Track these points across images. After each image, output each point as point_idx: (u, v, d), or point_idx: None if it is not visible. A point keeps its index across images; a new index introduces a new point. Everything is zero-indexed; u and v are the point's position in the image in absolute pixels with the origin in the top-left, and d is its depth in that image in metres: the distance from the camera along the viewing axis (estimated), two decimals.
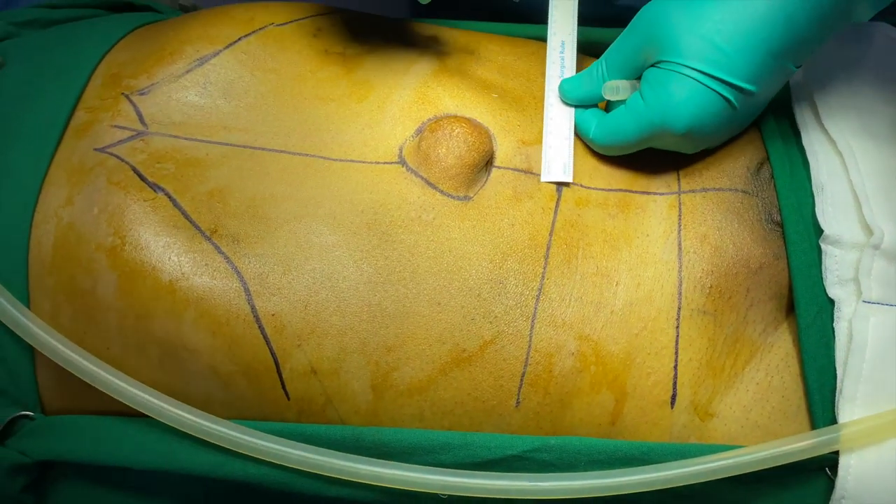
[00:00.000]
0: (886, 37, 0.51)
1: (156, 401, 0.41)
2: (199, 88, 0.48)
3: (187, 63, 0.48)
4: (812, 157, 0.47)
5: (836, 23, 0.43)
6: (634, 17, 0.46)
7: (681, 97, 0.43)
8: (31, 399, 0.45)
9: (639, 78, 0.47)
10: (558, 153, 0.47)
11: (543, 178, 0.47)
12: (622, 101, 0.47)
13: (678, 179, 0.48)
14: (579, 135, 0.49)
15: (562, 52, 0.50)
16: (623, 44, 0.47)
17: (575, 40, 0.51)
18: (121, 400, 0.41)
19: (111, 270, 0.42)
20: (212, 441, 0.41)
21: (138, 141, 0.46)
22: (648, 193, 0.47)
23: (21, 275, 0.43)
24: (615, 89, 0.47)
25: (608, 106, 0.49)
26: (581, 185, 0.47)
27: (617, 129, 0.46)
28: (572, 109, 0.49)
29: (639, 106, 0.45)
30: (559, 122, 0.49)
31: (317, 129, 0.47)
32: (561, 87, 0.49)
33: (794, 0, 0.41)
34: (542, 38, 0.57)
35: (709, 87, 0.43)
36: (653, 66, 0.45)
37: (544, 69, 0.52)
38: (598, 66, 0.48)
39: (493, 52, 0.53)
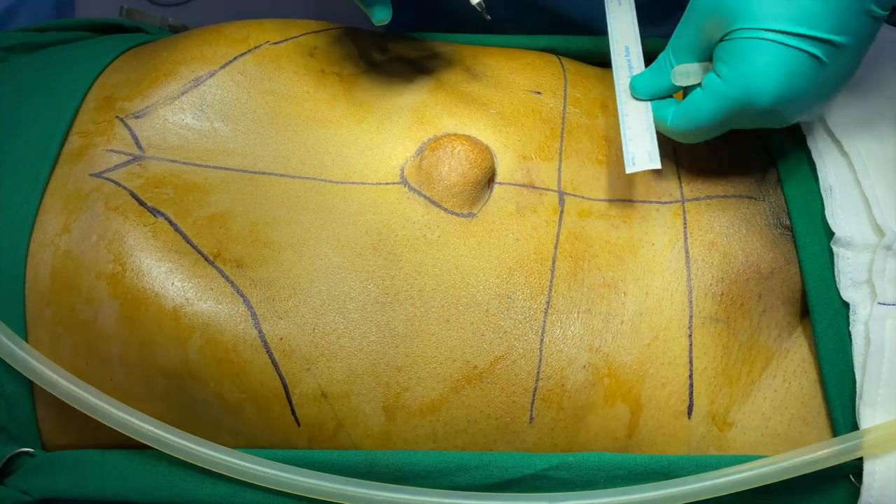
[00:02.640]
0: (886, 37, 0.51)
1: (161, 432, 0.40)
2: (195, 111, 0.47)
3: (182, 84, 0.48)
4: (818, 160, 0.46)
5: None
6: None
7: (763, 65, 0.40)
8: (31, 435, 0.43)
9: (710, 59, 0.44)
10: (640, 144, 0.45)
11: (628, 170, 0.44)
12: (697, 85, 0.44)
13: (680, 188, 0.47)
14: (658, 126, 0.46)
15: (627, 56, 0.49)
16: (687, 25, 0.44)
17: (639, 44, 0.49)
18: (125, 432, 0.40)
19: (113, 298, 0.41)
20: (221, 472, 0.40)
21: (135, 165, 0.45)
22: (650, 202, 0.47)
23: (18, 306, 0.42)
24: (685, 74, 0.45)
25: (684, 92, 0.47)
26: (582, 197, 0.47)
27: (695, 113, 0.43)
28: (648, 103, 0.47)
29: (716, 85, 0.42)
30: (635, 116, 0.47)
31: (316, 151, 0.47)
32: (632, 84, 0.47)
33: None
34: (538, 48, 0.57)
35: (793, 46, 0.39)
36: (722, 40, 0.42)
37: (541, 81, 0.51)
38: (665, 55, 0.46)
39: (489, 66, 0.53)
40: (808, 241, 0.44)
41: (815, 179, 0.46)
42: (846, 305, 0.42)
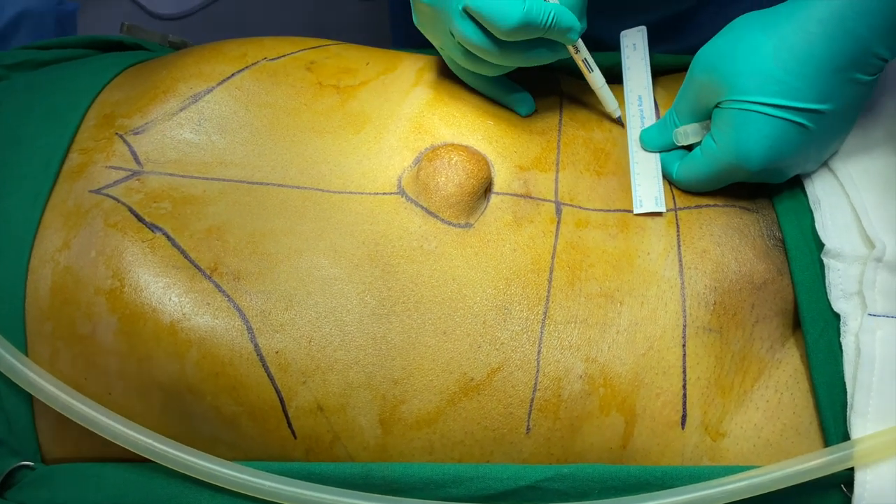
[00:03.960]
0: None
1: (160, 445, 0.40)
2: (193, 125, 0.48)
3: (181, 101, 0.48)
4: (804, 176, 0.47)
5: None
6: (691, 63, 0.46)
7: (751, 133, 0.43)
8: (31, 448, 0.44)
9: (710, 117, 0.47)
10: (648, 190, 0.48)
11: (636, 211, 0.47)
12: (699, 143, 0.47)
13: (673, 197, 0.48)
14: (665, 175, 0.49)
15: (640, 106, 0.52)
16: (686, 90, 0.47)
17: (651, 93, 0.53)
18: (124, 445, 0.40)
19: (111, 313, 0.42)
20: (219, 484, 0.40)
21: (134, 181, 0.46)
22: None
23: (18, 321, 0.42)
24: (685, 135, 0.48)
25: (690, 147, 0.49)
26: (580, 207, 0.47)
27: (695, 170, 0.47)
28: (657, 153, 0.50)
29: (711, 149, 0.45)
30: (645, 164, 0.50)
31: (314, 161, 0.47)
32: (641, 138, 0.51)
33: (852, 15, 0.40)
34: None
35: (776, 116, 0.42)
36: (717, 106, 0.45)
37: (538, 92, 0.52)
38: (670, 114, 0.49)
39: None
40: (798, 253, 0.44)
41: (805, 193, 0.47)
42: (837, 317, 0.42)
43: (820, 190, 0.46)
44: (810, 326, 0.43)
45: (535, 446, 0.43)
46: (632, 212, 0.47)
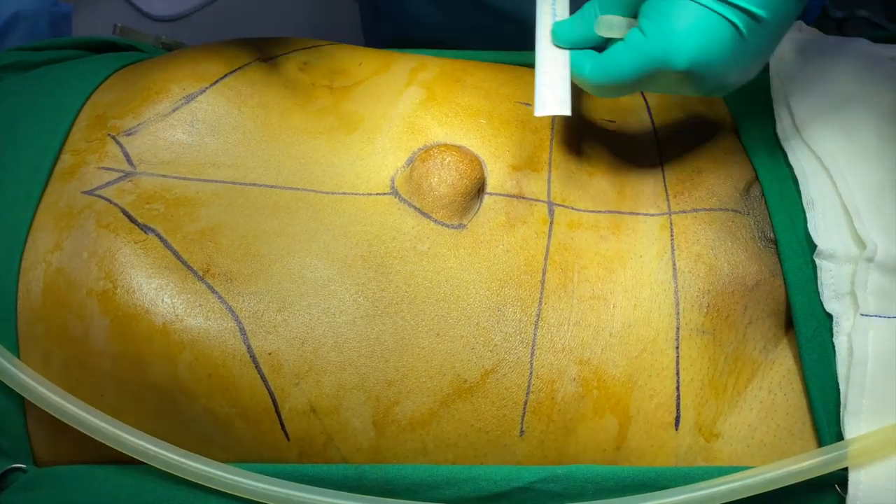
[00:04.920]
0: (864, 52, 0.52)
1: (153, 447, 0.40)
2: (186, 126, 0.48)
3: (174, 101, 0.48)
4: (800, 175, 0.47)
5: None
6: None
7: (684, 25, 0.40)
8: (23, 451, 0.44)
9: (635, 16, 0.43)
10: (553, 90, 0.44)
11: (538, 114, 0.44)
12: (619, 39, 0.43)
13: (667, 200, 0.48)
14: (574, 77, 0.45)
15: (553, 4, 0.47)
16: None
17: None
18: (117, 448, 0.40)
19: (103, 315, 0.41)
20: (212, 486, 0.40)
21: (126, 182, 0.45)
22: (638, 214, 0.47)
23: (9, 323, 0.42)
24: (609, 25, 0.44)
25: (606, 45, 0.45)
26: (571, 208, 0.47)
27: (614, 66, 0.42)
28: (567, 52, 0.45)
29: (638, 40, 0.41)
30: (553, 63, 0.45)
31: (307, 162, 0.47)
32: (553, 31, 0.46)
33: None
34: (525, 65, 0.57)
35: (714, 10, 0.39)
36: None
37: (529, 92, 0.52)
38: (590, 5, 0.45)
39: (478, 78, 0.53)
40: (791, 254, 0.45)
41: (798, 194, 0.47)
42: (829, 317, 0.43)
43: (814, 190, 0.46)
44: (803, 327, 0.43)
45: (529, 448, 0.43)
46: (622, 213, 0.47)
